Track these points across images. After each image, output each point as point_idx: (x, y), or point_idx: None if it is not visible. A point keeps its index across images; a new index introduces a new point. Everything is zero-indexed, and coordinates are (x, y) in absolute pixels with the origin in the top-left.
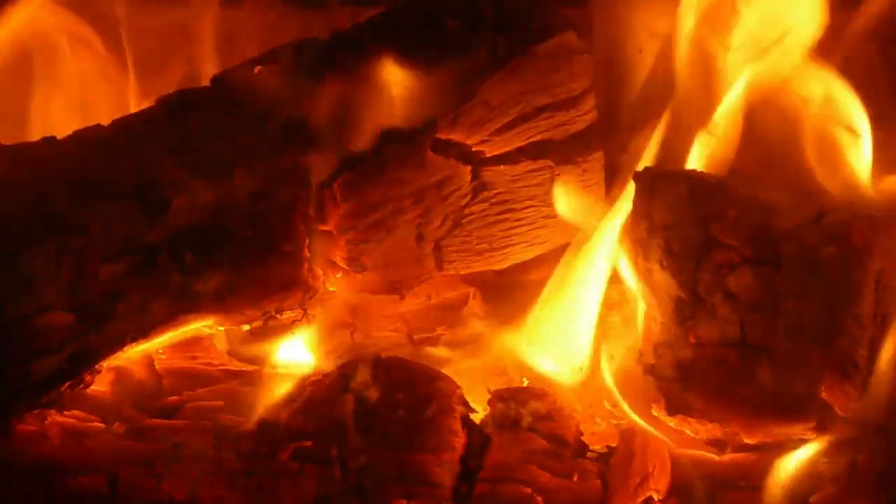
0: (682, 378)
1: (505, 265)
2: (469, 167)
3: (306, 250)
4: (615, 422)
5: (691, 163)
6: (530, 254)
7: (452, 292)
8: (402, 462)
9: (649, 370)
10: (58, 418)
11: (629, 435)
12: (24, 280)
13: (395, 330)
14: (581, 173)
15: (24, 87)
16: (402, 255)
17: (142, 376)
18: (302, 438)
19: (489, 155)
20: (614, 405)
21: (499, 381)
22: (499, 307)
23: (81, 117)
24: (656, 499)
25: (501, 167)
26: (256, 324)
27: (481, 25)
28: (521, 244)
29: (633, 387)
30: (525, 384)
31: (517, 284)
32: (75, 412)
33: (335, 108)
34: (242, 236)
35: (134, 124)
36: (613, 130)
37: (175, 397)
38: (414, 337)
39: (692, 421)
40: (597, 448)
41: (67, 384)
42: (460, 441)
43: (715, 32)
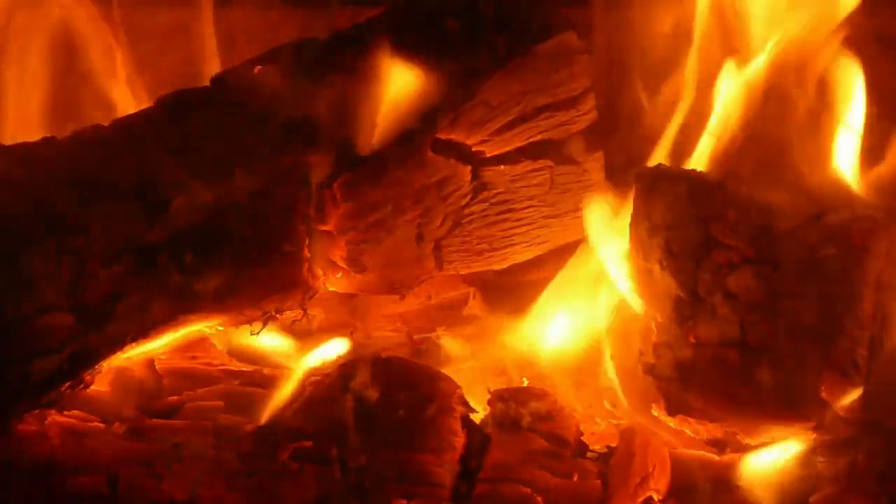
0: (682, 378)
1: (505, 265)
2: (469, 167)
3: (306, 250)
4: (615, 422)
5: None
6: (530, 254)
7: (452, 292)
8: (402, 462)
9: (649, 370)
10: (58, 418)
11: (629, 435)
12: (24, 280)
13: (395, 330)
14: (581, 173)
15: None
16: (402, 255)
17: (142, 376)
18: (302, 438)
19: (489, 155)
20: (614, 405)
21: (499, 381)
22: (499, 307)
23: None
24: (656, 499)
25: (501, 167)
26: (256, 324)
27: (481, 25)
28: (521, 244)
29: (634, 386)
30: (525, 384)
31: (517, 284)
32: (75, 412)
33: (335, 109)
34: (242, 236)
35: (134, 124)
36: (613, 130)
37: (175, 397)
38: (414, 337)
39: (692, 421)
40: (597, 448)
41: (67, 384)
42: (460, 441)
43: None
